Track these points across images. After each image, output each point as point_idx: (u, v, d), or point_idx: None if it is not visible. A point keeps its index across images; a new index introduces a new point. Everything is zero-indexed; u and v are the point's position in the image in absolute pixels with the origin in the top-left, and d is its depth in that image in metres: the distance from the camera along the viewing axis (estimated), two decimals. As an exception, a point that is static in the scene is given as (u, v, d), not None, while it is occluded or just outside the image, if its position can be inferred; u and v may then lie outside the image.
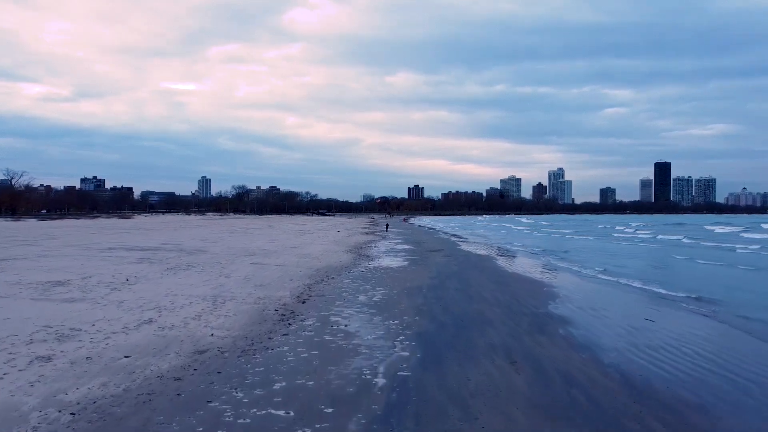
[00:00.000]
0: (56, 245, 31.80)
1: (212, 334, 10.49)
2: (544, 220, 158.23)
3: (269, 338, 10.42)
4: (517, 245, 44.88)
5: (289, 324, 11.69)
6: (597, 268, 25.20)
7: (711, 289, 18.29)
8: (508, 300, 15.34)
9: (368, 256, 29.29)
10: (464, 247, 40.25)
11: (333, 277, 19.83)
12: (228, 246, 33.17)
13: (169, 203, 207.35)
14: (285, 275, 19.84)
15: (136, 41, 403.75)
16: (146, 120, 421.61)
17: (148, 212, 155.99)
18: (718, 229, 76.28)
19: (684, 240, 52.14)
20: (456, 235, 61.34)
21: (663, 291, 17.97)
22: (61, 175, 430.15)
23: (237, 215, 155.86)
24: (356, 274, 20.97)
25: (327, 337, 10.59)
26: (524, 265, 26.73)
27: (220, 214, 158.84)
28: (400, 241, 46.37)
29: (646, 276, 22.53)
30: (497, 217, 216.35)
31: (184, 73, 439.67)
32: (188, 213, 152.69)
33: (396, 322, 12.12)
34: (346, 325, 11.70)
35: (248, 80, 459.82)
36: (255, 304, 13.91)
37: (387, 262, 26.59)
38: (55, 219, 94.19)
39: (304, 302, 14.44)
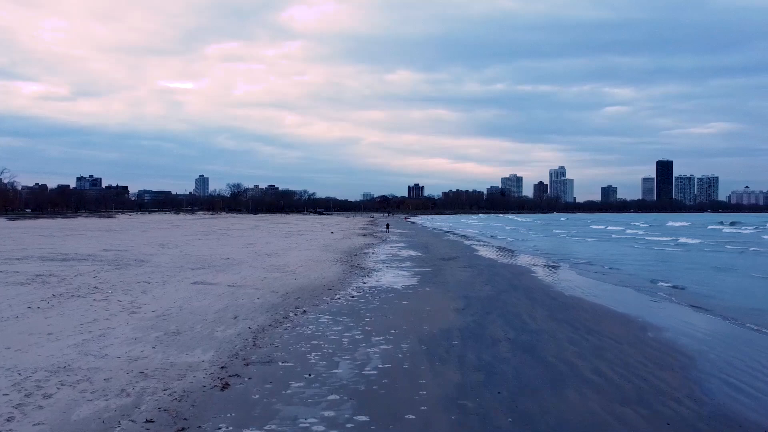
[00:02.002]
0: (-40, 253, 24.58)
1: None
2: (540, 219, 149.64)
3: None
4: (536, 249, 37.76)
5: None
6: (659, 284, 18.36)
7: None
8: (621, 374, 8.10)
9: (363, 269, 22.06)
10: (483, 252, 32.99)
11: (305, 311, 12.63)
12: (184, 253, 25.95)
13: (161, 202, 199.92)
14: (229, 308, 12.65)
15: (133, 39, 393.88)
16: (145, 119, 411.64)
17: (138, 211, 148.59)
18: (727, 230, 71.46)
19: (707, 242, 45.15)
20: (465, 236, 54.14)
21: None
22: (60, 174, 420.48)
23: (230, 214, 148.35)
24: (342, 304, 13.77)
25: None
26: (572, 282, 19.65)
27: (211, 213, 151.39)
28: (403, 244, 39.06)
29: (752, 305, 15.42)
30: (492, 216, 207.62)
31: (182, 72, 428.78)
32: (177, 212, 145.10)
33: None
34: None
35: (247, 79, 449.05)
36: (118, 396, 6.72)
37: (389, 278, 19.37)
38: (29, 219, 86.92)
39: (224, 388, 7.23)
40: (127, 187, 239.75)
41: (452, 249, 35.39)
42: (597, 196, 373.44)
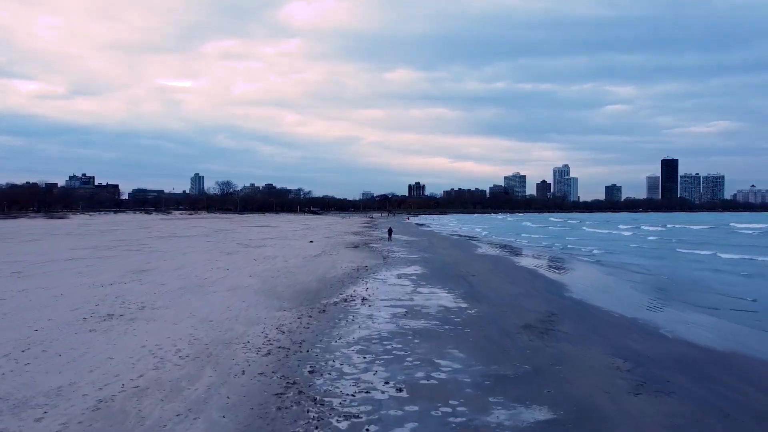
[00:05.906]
0: None
1: None
2: (532, 220, 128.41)
3: None
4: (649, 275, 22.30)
5: None
6: None
7: None
8: None
9: (322, 422, 6.43)
10: (599, 300, 17.21)
11: None
12: None
13: (140, 201, 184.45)
14: None
15: (131, 37, 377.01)
16: (143, 118, 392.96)
17: (103, 211, 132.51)
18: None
19: None
20: (506, 247, 38.41)
21: None
22: (60, 174, 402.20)
23: (212, 214, 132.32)
24: None
25: None
26: None
27: (189, 213, 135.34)
28: (419, 268, 23.09)
29: None
30: (486, 215, 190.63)
31: (179, 70, 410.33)
32: (148, 212, 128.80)
33: None
34: None
35: (245, 77, 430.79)
36: None
37: None
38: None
39: None
40: (117, 186, 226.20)
41: (516, 284, 19.04)
42: (601, 195, 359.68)
